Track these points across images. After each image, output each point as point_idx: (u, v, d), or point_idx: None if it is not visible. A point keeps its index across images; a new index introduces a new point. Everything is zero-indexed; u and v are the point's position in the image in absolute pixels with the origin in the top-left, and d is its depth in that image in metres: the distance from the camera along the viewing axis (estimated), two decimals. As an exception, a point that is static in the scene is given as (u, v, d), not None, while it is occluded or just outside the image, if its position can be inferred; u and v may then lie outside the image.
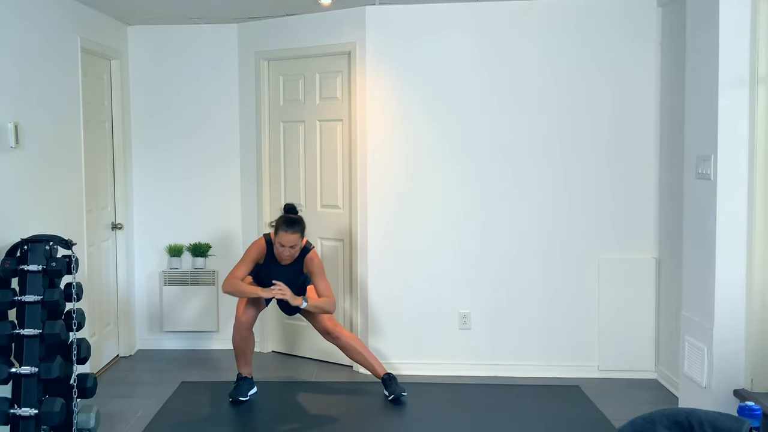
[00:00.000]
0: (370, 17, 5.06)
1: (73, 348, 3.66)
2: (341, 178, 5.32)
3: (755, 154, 3.48)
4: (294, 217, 4.48)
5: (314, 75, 5.39)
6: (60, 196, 4.53)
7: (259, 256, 4.56)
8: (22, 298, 3.51)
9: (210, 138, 5.75)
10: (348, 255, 5.30)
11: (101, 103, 5.34)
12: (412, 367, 5.13)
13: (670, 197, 4.77)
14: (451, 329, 5.14)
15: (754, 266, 3.51)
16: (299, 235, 4.44)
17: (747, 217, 3.51)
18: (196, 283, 5.72)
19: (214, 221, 5.78)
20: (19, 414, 3.40)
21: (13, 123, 3.91)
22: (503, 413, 4.45)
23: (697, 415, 2.30)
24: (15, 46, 4.03)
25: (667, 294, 4.86)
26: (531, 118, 5.03)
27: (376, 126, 5.10)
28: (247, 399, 4.64)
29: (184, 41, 5.72)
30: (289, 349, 5.68)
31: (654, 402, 4.54)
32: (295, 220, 4.45)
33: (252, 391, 4.72)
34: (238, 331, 4.61)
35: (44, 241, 3.61)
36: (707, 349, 3.62)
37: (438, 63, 5.06)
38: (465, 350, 5.14)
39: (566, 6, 4.97)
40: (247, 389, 4.68)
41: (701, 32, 3.68)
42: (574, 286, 5.06)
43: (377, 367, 4.73)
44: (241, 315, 4.61)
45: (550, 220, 5.05)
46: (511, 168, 5.05)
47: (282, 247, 4.43)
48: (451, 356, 5.14)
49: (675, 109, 4.65)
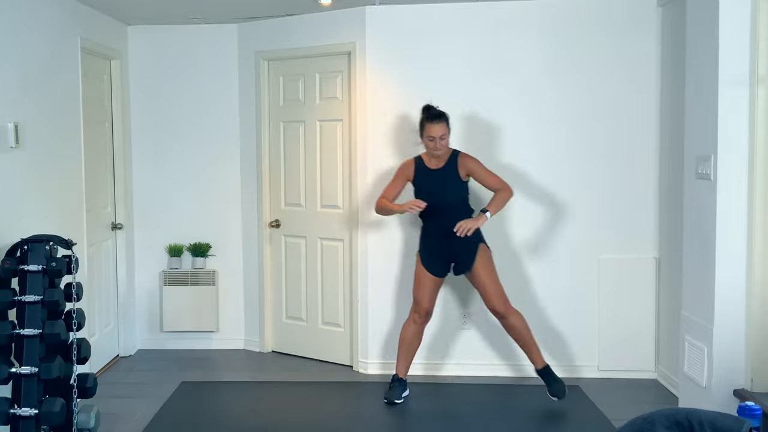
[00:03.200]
0: (370, 17, 5.06)
1: (73, 348, 3.66)
2: (341, 178, 5.31)
3: (755, 154, 3.48)
4: (436, 109, 4.46)
5: (314, 75, 5.39)
6: (60, 196, 4.53)
7: (407, 172, 4.55)
8: (22, 298, 3.51)
9: (210, 138, 5.75)
10: (348, 255, 5.30)
11: (101, 103, 5.34)
12: (412, 366, 5.09)
13: (670, 197, 4.77)
14: (452, 329, 5.14)
15: (754, 266, 3.51)
16: (445, 124, 4.42)
17: (747, 217, 3.51)
18: (196, 283, 5.71)
19: (214, 221, 5.78)
20: (19, 414, 3.39)
21: (13, 123, 3.91)
22: (503, 413, 4.45)
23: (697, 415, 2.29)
24: (15, 46, 4.03)
25: (667, 294, 4.86)
26: (531, 118, 5.03)
27: (376, 126, 5.10)
28: (401, 402, 4.56)
29: (184, 41, 5.72)
30: (289, 349, 5.68)
31: (654, 402, 4.54)
32: (439, 112, 4.45)
33: (405, 393, 4.62)
34: (416, 322, 4.55)
35: (44, 241, 3.61)
36: (707, 349, 3.61)
37: (438, 63, 5.06)
38: (465, 350, 5.13)
39: (566, 6, 4.97)
40: (401, 391, 4.59)
41: (701, 32, 3.68)
42: (574, 286, 5.06)
43: (536, 356, 4.53)
44: (421, 301, 4.52)
45: (551, 220, 5.05)
46: (511, 167, 5.05)
47: (432, 140, 4.40)
48: (451, 356, 5.14)
49: (675, 109, 4.65)
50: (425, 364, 5.14)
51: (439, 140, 4.42)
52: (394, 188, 4.58)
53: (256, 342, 5.76)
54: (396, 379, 4.64)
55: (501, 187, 4.47)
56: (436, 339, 5.14)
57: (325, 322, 5.47)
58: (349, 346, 5.35)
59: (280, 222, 5.61)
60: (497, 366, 5.13)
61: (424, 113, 4.49)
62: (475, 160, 4.53)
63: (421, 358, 5.13)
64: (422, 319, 4.62)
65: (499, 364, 5.13)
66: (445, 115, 4.48)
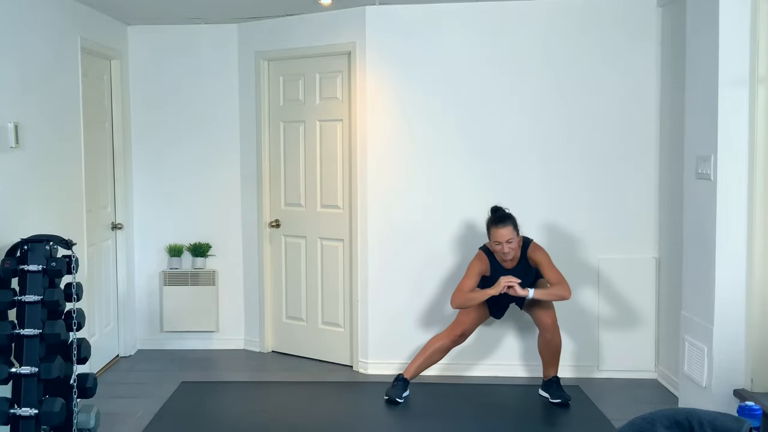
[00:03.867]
0: (370, 17, 5.06)
1: (73, 348, 3.66)
2: (341, 178, 5.31)
3: (755, 154, 3.48)
4: (501, 212, 4.44)
5: (314, 75, 5.39)
6: (60, 196, 4.53)
7: (483, 268, 4.50)
8: (22, 298, 3.51)
9: (210, 138, 5.75)
10: (348, 255, 5.30)
11: (101, 103, 5.34)
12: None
13: (670, 197, 4.77)
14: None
15: (754, 266, 3.51)
16: (512, 227, 4.38)
17: (747, 217, 3.51)
18: (196, 283, 5.71)
19: (214, 221, 5.78)
20: (19, 414, 3.39)
21: (13, 123, 3.91)
22: (503, 413, 4.45)
23: (697, 415, 2.30)
24: (15, 46, 4.03)
25: (667, 294, 4.86)
26: (531, 118, 5.03)
27: (376, 126, 5.10)
28: (402, 401, 4.57)
29: (184, 41, 5.72)
30: (289, 349, 5.68)
31: (654, 402, 4.54)
32: (504, 215, 4.41)
33: (405, 394, 4.64)
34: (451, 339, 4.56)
35: (44, 241, 3.60)
36: (707, 349, 3.62)
37: (438, 63, 5.06)
38: (465, 350, 5.13)
39: (566, 6, 4.97)
40: (402, 391, 4.61)
41: (701, 32, 3.68)
42: (574, 286, 5.05)
43: (552, 369, 4.61)
44: (461, 324, 4.54)
45: (551, 220, 5.05)
46: (511, 167, 5.05)
47: (499, 245, 4.37)
48: (451, 356, 5.14)
49: (675, 109, 4.65)
50: (425, 364, 5.14)
51: (507, 244, 4.37)
52: (472, 282, 4.48)
53: (256, 342, 5.76)
54: (400, 378, 4.65)
55: (558, 282, 4.43)
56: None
57: (325, 322, 5.47)
58: (349, 346, 5.35)
59: (280, 222, 5.61)
60: (498, 366, 5.13)
61: (489, 216, 4.47)
62: (543, 253, 4.49)
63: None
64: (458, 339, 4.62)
65: (500, 364, 5.13)
66: (511, 217, 4.43)
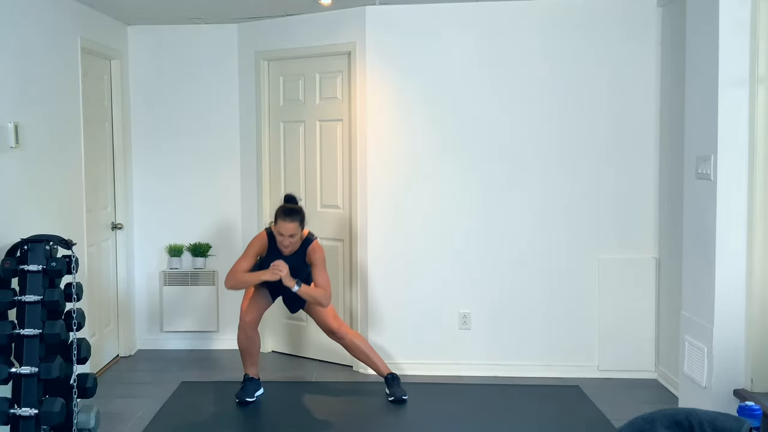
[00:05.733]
0: (370, 17, 5.06)
1: (73, 348, 3.66)
2: (341, 178, 5.32)
3: (755, 154, 3.48)
4: (292, 206, 4.48)
5: (314, 75, 5.39)
6: (60, 196, 4.53)
7: (261, 249, 4.55)
8: (22, 298, 3.51)
9: (210, 138, 5.75)
10: (348, 255, 5.30)
11: (101, 103, 5.34)
12: (412, 366, 5.13)
13: (670, 197, 4.77)
14: (451, 329, 5.14)
15: (754, 266, 3.51)
16: (297, 223, 4.42)
17: (747, 217, 3.51)
18: (196, 283, 5.72)
19: (214, 221, 5.78)
20: (19, 414, 3.39)
21: (13, 123, 3.91)
22: (503, 413, 4.45)
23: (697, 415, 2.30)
24: (15, 45, 4.03)
25: (667, 294, 4.86)
26: (531, 118, 5.03)
27: (376, 126, 5.10)
28: (254, 400, 4.63)
29: (184, 41, 5.72)
30: (289, 349, 5.68)
31: (654, 402, 4.54)
32: (293, 209, 4.45)
33: (258, 392, 4.71)
34: (243, 330, 4.61)
35: (44, 241, 3.61)
36: (707, 349, 3.61)
37: (438, 63, 5.06)
38: (465, 350, 5.13)
39: (566, 6, 4.97)
40: (254, 390, 4.66)
41: (701, 32, 3.68)
42: (574, 286, 5.06)
43: (381, 366, 4.74)
44: (245, 314, 4.60)
45: (551, 220, 5.05)
46: (511, 168, 5.05)
47: (281, 236, 4.41)
48: (451, 356, 5.14)
49: (675, 109, 4.65)
50: (425, 364, 5.14)
51: (288, 237, 4.41)
52: (248, 263, 4.50)
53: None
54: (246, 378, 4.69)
55: (323, 287, 4.48)
56: (435, 339, 5.14)
57: (325, 322, 5.46)
58: (349, 346, 5.35)
59: (280, 222, 5.61)
60: (497, 366, 5.13)
61: (281, 206, 4.49)
62: (320, 255, 4.51)
63: (422, 358, 5.14)
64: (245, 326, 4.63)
65: (500, 364, 5.13)
66: (301, 213, 4.45)
